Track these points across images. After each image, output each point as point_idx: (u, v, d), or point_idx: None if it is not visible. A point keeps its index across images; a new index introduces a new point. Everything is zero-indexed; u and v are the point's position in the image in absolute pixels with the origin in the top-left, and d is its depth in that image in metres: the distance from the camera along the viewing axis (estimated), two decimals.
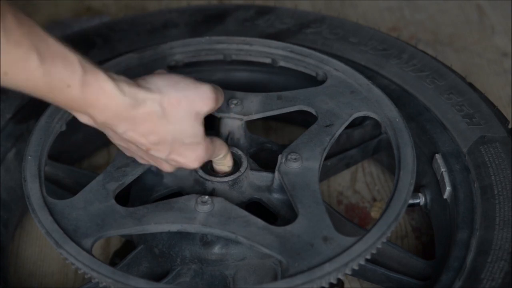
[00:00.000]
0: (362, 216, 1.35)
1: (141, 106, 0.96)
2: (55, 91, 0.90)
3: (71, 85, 0.91)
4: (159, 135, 0.99)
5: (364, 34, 1.38)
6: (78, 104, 0.94)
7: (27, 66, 0.87)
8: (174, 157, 1.03)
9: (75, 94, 0.92)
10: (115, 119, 0.96)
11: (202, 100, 1.01)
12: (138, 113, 0.97)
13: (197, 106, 1.00)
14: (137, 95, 0.96)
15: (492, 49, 1.64)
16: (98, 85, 0.93)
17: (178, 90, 0.99)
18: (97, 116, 0.96)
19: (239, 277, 1.10)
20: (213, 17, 1.41)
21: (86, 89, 0.92)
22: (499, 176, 1.16)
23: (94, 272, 0.99)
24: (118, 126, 0.98)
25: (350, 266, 1.00)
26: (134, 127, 0.98)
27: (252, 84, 1.39)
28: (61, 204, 1.07)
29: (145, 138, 0.99)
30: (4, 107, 1.26)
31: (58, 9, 1.73)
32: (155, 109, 0.97)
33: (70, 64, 0.90)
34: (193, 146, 1.02)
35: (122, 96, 0.95)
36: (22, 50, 0.86)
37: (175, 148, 1.01)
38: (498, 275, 1.05)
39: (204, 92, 1.01)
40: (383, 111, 1.17)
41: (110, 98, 0.94)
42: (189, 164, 1.04)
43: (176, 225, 1.05)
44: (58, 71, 0.89)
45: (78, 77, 0.91)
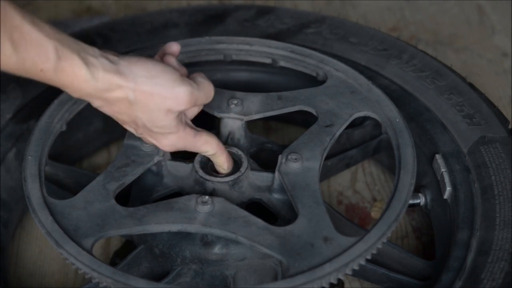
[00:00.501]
0: (362, 216, 1.35)
1: (113, 91, 1.00)
2: (30, 73, 0.95)
3: (44, 69, 0.95)
4: (130, 117, 1.04)
5: (364, 34, 1.38)
6: (53, 84, 0.98)
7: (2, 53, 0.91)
8: (147, 138, 1.08)
9: (48, 77, 0.96)
10: (88, 97, 1.01)
11: (174, 100, 1.02)
12: (110, 96, 1.01)
13: (169, 104, 1.02)
14: (111, 81, 1.00)
15: (492, 49, 1.64)
16: (71, 70, 0.97)
17: (153, 85, 1.01)
18: (71, 94, 1.00)
19: (239, 277, 1.10)
20: (213, 17, 1.41)
21: (59, 74, 0.96)
22: (499, 176, 1.16)
23: (94, 272, 0.99)
24: (93, 102, 1.03)
25: (350, 266, 1.00)
26: (107, 105, 1.02)
27: (252, 84, 1.39)
28: (61, 204, 1.06)
29: (118, 115, 1.04)
30: (4, 107, 1.26)
31: (58, 9, 1.72)
32: (127, 95, 1.01)
33: (43, 51, 0.94)
34: (165, 134, 1.06)
35: (95, 82, 0.99)
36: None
37: (145, 131, 1.06)
38: (498, 275, 1.05)
39: (179, 93, 1.02)
40: (383, 111, 1.17)
41: (82, 82, 0.98)
42: (162, 147, 1.08)
43: (176, 225, 1.05)
44: (30, 58, 0.94)
45: (52, 63, 0.95)
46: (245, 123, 1.19)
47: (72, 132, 1.31)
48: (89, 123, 1.36)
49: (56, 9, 1.72)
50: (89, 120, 1.35)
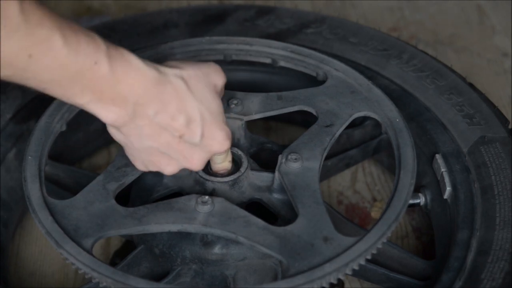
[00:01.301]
0: (362, 216, 1.35)
1: (167, 81, 0.97)
2: (82, 69, 0.89)
3: (98, 60, 0.90)
4: (188, 113, 0.98)
5: (364, 34, 1.38)
6: (107, 82, 0.92)
7: (51, 46, 0.86)
8: (206, 142, 1.02)
9: (103, 70, 0.91)
10: (144, 97, 0.95)
11: (215, 73, 1.03)
12: (165, 90, 0.96)
13: (213, 79, 1.02)
14: (160, 69, 0.97)
15: (492, 49, 1.64)
16: (124, 59, 0.92)
17: (191, 66, 1.01)
18: (128, 96, 0.94)
19: (239, 277, 1.10)
20: (213, 17, 1.41)
21: (114, 64, 0.91)
22: (499, 176, 1.16)
23: (94, 272, 0.99)
24: (148, 106, 0.96)
25: (350, 266, 1.00)
26: (163, 107, 0.97)
27: (252, 84, 1.39)
28: (61, 204, 1.06)
29: (175, 120, 0.98)
30: (4, 107, 1.26)
31: (58, 9, 1.72)
32: (179, 84, 0.98)
33: (93, 40, 0.90)
34: (220, 124, 1.02)
35: (148, 68, 0.95)
36: (44, 30, 0.85)
37: (205, 127, 1.00)
38: (498, 275, 1.05)
39: (214, 66, 1.04)
40: (383, 111, 1.17)
41: (138, 70, 0.94)
42: (221, 146, 1.03)
43: (176, 225, 1.05)
44: (83, 48, 0.88)
45: (104, 52, 0.90)
46: (245, 123, 1.19)
47: (72, 132, 1.31)
48: (89, 123, 1.36)
49: (56, 9, 1.72)
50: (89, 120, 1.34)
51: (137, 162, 1.06)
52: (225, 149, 1.05)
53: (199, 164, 1.05)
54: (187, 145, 1.02)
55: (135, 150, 1.03)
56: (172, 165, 1.04)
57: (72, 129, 1.25)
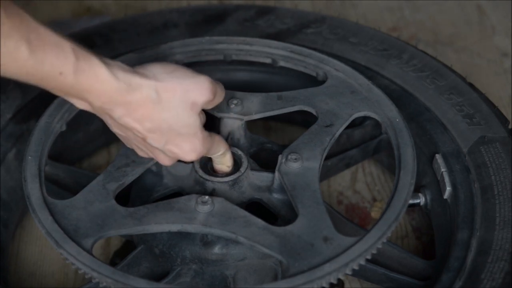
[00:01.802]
0: (362, 216, 1.35)
1: (136, 91, 0.97)
2: (47, 78, 0.92)
3: (63, 72, 0.92)
4: (154, 122, 1.00)
5: (364, 34, 1.38)
6: (72, 90, 0.95)
7: (18, 56, 0.88)
8: (170, 148, 1.03)
9: (68, 80, 0.93)
10: (110, 103, 0.97)
11: (198, 90, 1.01)
12: (133, 98, 0.97)
13: (193, 96, 1.01)
14: (131, 81, 0.97)
15: (492, 49, 1.64)
16: (91, 71, 0.94)
17: (174, 78, 1.00)
18: (93, 102, 0.97)
19: (239, 277, 1.10)
20: (213, 17, 1.41)
21: (79, 76, 0.93)
22: (499, 176, 1.16)
23: (94, 272, 0.99)
24: (114, 111, 0.98)
25: (350, 266, 1.00)
26: (129, 113, 0.98)
27: (252, 84, 1.39)
28: (61, 204, 1.06)
29: (140, 124, 1.00)
30: (4, 107, 1.26)
31: (58, 9, 1.72)
32: (150, 95, 0.98)
33: (62, 52, 0.92)
34: (189, 137, 1.02)
35: (116, 81, 0.96)
36: (12, 42, 0.87)
37: (170, 138, 1.01)
38: (498, 275, 1.05)
39: (201, 82, 1.01)
40: (383, 111, 1.17)
41: (103, 83, 0.95)
42: (185, 156, 1.04)
43: (176, 225, 1.05)
44: (48, 60, 0.91)
45: (71, 64, 0.92)
46: (245, 123, 1.19)
47: (72, 132, 1.31)
48: (89, 123, 1.36)
49: (56, 9, 1.72)
50: (89, 120, 1.34)
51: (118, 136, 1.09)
52: (190, 159, 1.05)
53: (165, 163, 1.07)
54: (151, 147, 1.03)
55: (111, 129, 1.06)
56: (142, 153, 1.07)
57: (72, 129, 1.25)
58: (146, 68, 1.00)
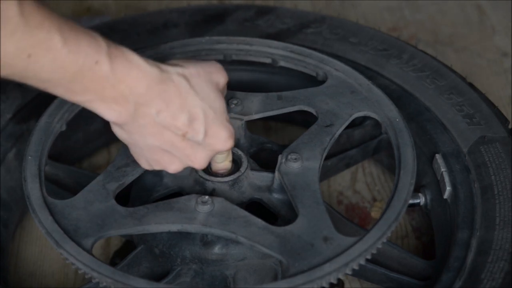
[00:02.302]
0: (362, 216, 1.35)
1: (169, 80, 0.96)
2: (83, 69, 0.89)
3: (99, 60, 0.90)
4: (190, 112, 0.98)
5: (364, 34, 1.38)
6: (109, 82, 0.92)
7: (51, 46, 0.86)
8: (209, 140, 1.01)
9: (104, 70, 0.91)
10: (147, 95, 0.95)
11: (217, 71, 1.03)
12: (167, 88, 0.96)
13: (215, 77, 1.02)
14: (162, 68, 0.97)
15: (492, 49, 1.64)
16: (125, 58, 0.93)
17: (193, 64, 1.01)
18: (130, 95, 0.94)
19: (239, 277, 1.10)
20: (213, 17, 1.41)
21: (115, 63, 0.91)
22: (499, 176, 1.16)
23: (94, 272, 0.99)
24: (151, 105, 0.96)
25: (350, 266, 1.00)
26: (166, 106, 0.97)
27: (252, 84, 1.39)
28: (61, 204, 1.06)
29: (178, 119, 0.98)
30: (4, 107, 1.26)
31: (58, 9, 1.72)
32: (182, 82, 0.98)
33: (94, 40, 0.90)
34: (223, 123, 1.02)
35: (150, 67, 0.95)
36: (44, 31, 0.85)
37: (208, 126, 1.00)
38: (498, 275, 1.05)
39: (216, 65, 1.04)
40: (383, 111, 1.17)
41: (139, 70, 0.94)
42: (224, 145, 1.03)
43: (176, 225, 1.05)
44: (83, 48, 0.89)
45: (104, 51, 0.91)
46: (245, 123, 1.19)
47: (72, 132, 1.31)
48: (89, 123, 1.36)
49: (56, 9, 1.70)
50: (89, 120, 1.34)
51: (141, 160, 1.06)
52: (228, 147, 1.04)
53: (202, 163, 1.05)
54: (190, 144, 1.02)
55: (138, 148, 1.03)
56: (175, 164, 1.04)
57: (72, 129, 1.25)
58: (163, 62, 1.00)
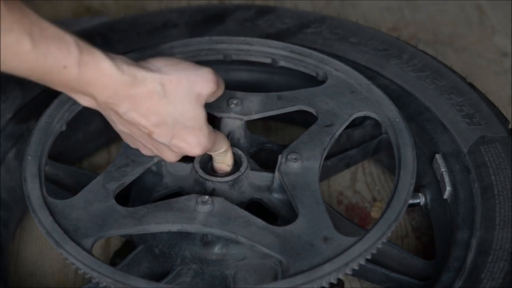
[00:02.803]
0: (362, 216, 1.35)
1: (141, 84, 0.97)
2: (51, 72, 0.91)
3: (67, 65, 0.91)
4: (160, 116, 0.99)
5: (364, 34, 1.38)
6: (76, 84, 0.94)
7: (20, 50, 0.88)
8: (176, 142, 1.02)
9: (72, 74, 0.92)
10: (115, 97, 0.96)
11: (203, 82, 1.01)
12: (138, 92, 0.97)
13: (198, 87, 1.00)
14: (136, 74, 0.97)
15: (492, 49, 1.64)
16: (95, 64, 0.93)
17: (178, 70, 1.00)
18: (97, 96, 0.96)
19: (239, 277, 1.10)
20: (213, 17, 1.41)
21: (83, 69, 0.93)
22: (499, 176, 1.16)
23: (94, 272, 0.99)
24: (119, 106, 0.97)
25: (350, 266, 1.00)
26: (135, 107, 0.98)
27: (252, 84, 1.39)
28: (61, 204, 1.06)
29: (146, 119, 0.99)
30: (4, 107, 1.26)
31: (58, 9, 1.72)
32: (155, 88, 0.98)
33: (65, 45, 0.91)
34: (195, 130, 1.02)
35: (121, 74, 0.95)
36: (13, 36, 0.86)
37: (176, 131, 1.01)
38: (498, 275, 1.05)
39: (205, 74, 1.01)
40: (383, 111, 1.17)
41: (108, 76, 0.94)
42: (191, 150, 1.03)
43: (176, 225, 1.05)
44: (52, 53, 0.90)
45: (74, 57, 0.92)
46: (245, 123, 1.19)
47: (72, 132, 1.31)
48: (89, 123, 1.36)
49: (56, 9, 1.72)
50: (89, 120, 1.35)
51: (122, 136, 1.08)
52: (196, 153, 1.04)
53: (171, 159, 1.06)
54: (157, 142, 1.03)
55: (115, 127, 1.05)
56: (146, 150, 1.07)
57: (72, 129, 1.25)
58: (150, 62, 1.00)
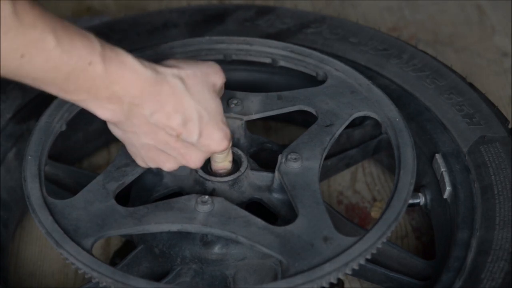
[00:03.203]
0: (362, 216, 1.35)
1: (163, 81, 0.96)
2: (76, 70, 0.89)
3: (93, 61, 0.90)
4: (185, 113, 0.98)
5: (364, 34, 1.38)
6: (102, 83, 0.92)
7: (44, 47, 0.86)
8: (203, 141, 1.01)
9: (98, 71, 0.91)
10: (140, 97, 0.95)
11: (214, 73, 1.03)
12: (163, 89, 0.96)
13: (212, 78, 1.02)
14: (157, 69, 0.96)
15: (492, 49, 1.64)
16: (119, 60, 0.92)
17: (190, 65, 1.01)
18: (123, 96, 0.94)
19: (239, 277, 1.10)
20: (213, 17, 1.41)
21: (108, 65, 0.91)
22: (499, 176, 1.16)
23: (94, 272, 0.99)
24: (144, 107, 0.96)
25: (350, 266, 1.00)
26: (161, 106, 0.97)
27: (252, 84, 1.39)
28: (61, 204, 1.06)
29: (172, 119, 0.98)
30: (4, 107, 1.26)
31: (58, 9, 1.72)
32: (177, 84, 0.98)
33: (88, 41, 0.90)
34: (218, 124, 1.02)
35: (144, 68, 0.95)
36: (37, 31, 0.85)
37: (203, 127, 1.00)
38: (498, 275, 1.05)
39: (214, 66, 1.04)
40: (383, 111, 1.17)
41: (133, 71, 0.94)
42: (219, 145, 1.03)
43: (176, 225, 1.05)
44: (77, 49, 0.89)
45: (98, 53, 0.90)
46: (244, 123, 1.19)
47: (72, 132, 1.31)
48: (89, 123, 1.36)
49: (56, 9, 1.72)
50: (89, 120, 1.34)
51: (137, 158, 1.07)
52: (222, 148, 1.04)
53: (197, 163, 1.05)
54: (184, 144, 1.02)
55: (133, 146, 1.04)
56: (170, 162, 1.05)
57: (72, 129, 1.25)
58: (162, 62, 1.00)
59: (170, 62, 1.01)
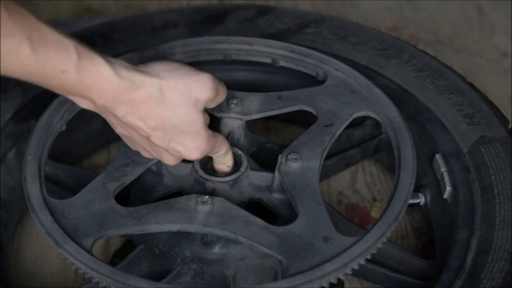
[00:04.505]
0: (362, 216, 1.35)
1: (140, 89, 0.97)
2: (49, 77, 0.92)
3: (66, 70, 0.92)
4: (158, 120, 1.00)
5: (364, 34, 1.38)
6: (75, 88, 0.95)
7: (19, 55, 0.88)
8: (174, 146, 1.03)
9: (70, 79, 0.93)
10: (113, 102, 0.97)
11: (200, 88, 1.01)
12: (136, 96, 0.97)
13: (196, 93, 1.01)
14: (135, 79, 0.97)
15: (492, 49, 1.64)
16: (94, 69, 0.94)
17: (177, 76, 1.00)
18: (96, 100, 0.97)
19: (239, 277, 1.10)
20: (213, 17, 1.41)
21: (82, 74, 0.93)
22: (499, 176, 1.16)
23: (94, 272, 0.99)
24: (117, 110, 0.98)
25: (350, 266, 1.00)
26: (133, 111, 0.98)
27: (252, 84, 1.39)
28: (61, 204, 1.07)
29: (144, 122, 1.00)
30: (4, 107, 1.26)
31: (58, 9, 1.73)
32: (153, 93, 0.98)
33: (64, 50, 0.92)
34: (193, 135, 1.02)
35: (119, 79, 0.96)
36: (14, 41, 0.87)
37: (174, 136, 1.01)
38: (498, 275, 1.05)
39: (203, 80, 1.02)
40: (383, 111, 1.17)
41: (107, 81, 0.95)
42: (189, 154, 1.04)
43: (176, 225, 1.05)
44: (51, 58, 0.91)
45: (73, 62, 0.92)
46: (245, 123, 1.19)
47: (72, 132, 1.31)
48: (89, 123, 1.36)
49: (56, 9, 1.73)
50: (89, 120, 1.35)
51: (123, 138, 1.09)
52: (195, 157, 1.05)
53: (170, 162, 1.07)
54: (155, 145, 1.03)
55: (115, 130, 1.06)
56: (146, 153, 1.08)
57: (72, 129, 1.25)
58: (148, 66, 1.01)
59: (157, 69, 1.01)
